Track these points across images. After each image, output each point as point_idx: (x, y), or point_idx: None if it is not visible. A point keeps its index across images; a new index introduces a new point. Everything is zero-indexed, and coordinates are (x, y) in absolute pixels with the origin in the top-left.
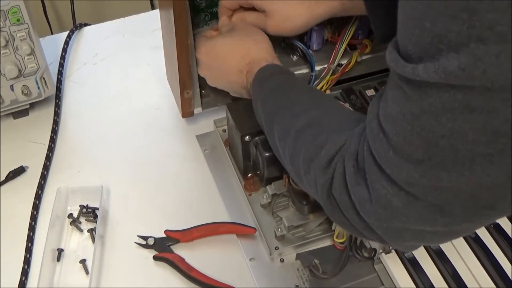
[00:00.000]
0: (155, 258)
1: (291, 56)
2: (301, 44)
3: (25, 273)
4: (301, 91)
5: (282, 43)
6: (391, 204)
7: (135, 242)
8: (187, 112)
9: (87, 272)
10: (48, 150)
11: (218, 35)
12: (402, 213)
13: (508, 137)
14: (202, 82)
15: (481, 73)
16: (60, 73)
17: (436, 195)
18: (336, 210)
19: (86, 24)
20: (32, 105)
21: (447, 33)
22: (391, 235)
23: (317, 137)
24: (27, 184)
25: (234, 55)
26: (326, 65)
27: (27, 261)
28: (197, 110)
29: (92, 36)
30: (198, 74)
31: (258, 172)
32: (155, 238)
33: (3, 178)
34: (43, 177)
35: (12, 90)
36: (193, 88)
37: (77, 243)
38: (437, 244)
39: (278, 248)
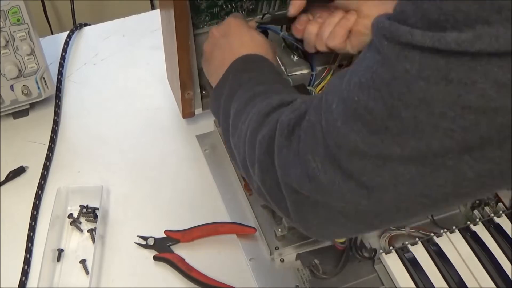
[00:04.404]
0: (155, 258)
1: (292, 56)
2: (301, 45)
3: (25, 273)
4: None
5: (283, 44)
6: (318, 177)
7: (135, 242)
8: (187, 113)
9: (87, 272)
10: (48, 150)
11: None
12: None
13: (479, 113)
14: (202, 82)
15: (472, 41)
16: (60, 73)
17: (374, 175)
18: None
19: (86, 24)
20: (32, 105)
21: (455, 13)
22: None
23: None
24: (27, 184)
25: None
26: (327, 66)
27: (27, 261)
28: (198, 110)
29: (92, 36)
30: (199, 74)
31: None
32: (155, 238)
33: (3, 178)
34: (43, 177)
35: (12, 90)
36: (194, 89)
37: (77, 243)
38: (346, 236)
39: (278, 248)
